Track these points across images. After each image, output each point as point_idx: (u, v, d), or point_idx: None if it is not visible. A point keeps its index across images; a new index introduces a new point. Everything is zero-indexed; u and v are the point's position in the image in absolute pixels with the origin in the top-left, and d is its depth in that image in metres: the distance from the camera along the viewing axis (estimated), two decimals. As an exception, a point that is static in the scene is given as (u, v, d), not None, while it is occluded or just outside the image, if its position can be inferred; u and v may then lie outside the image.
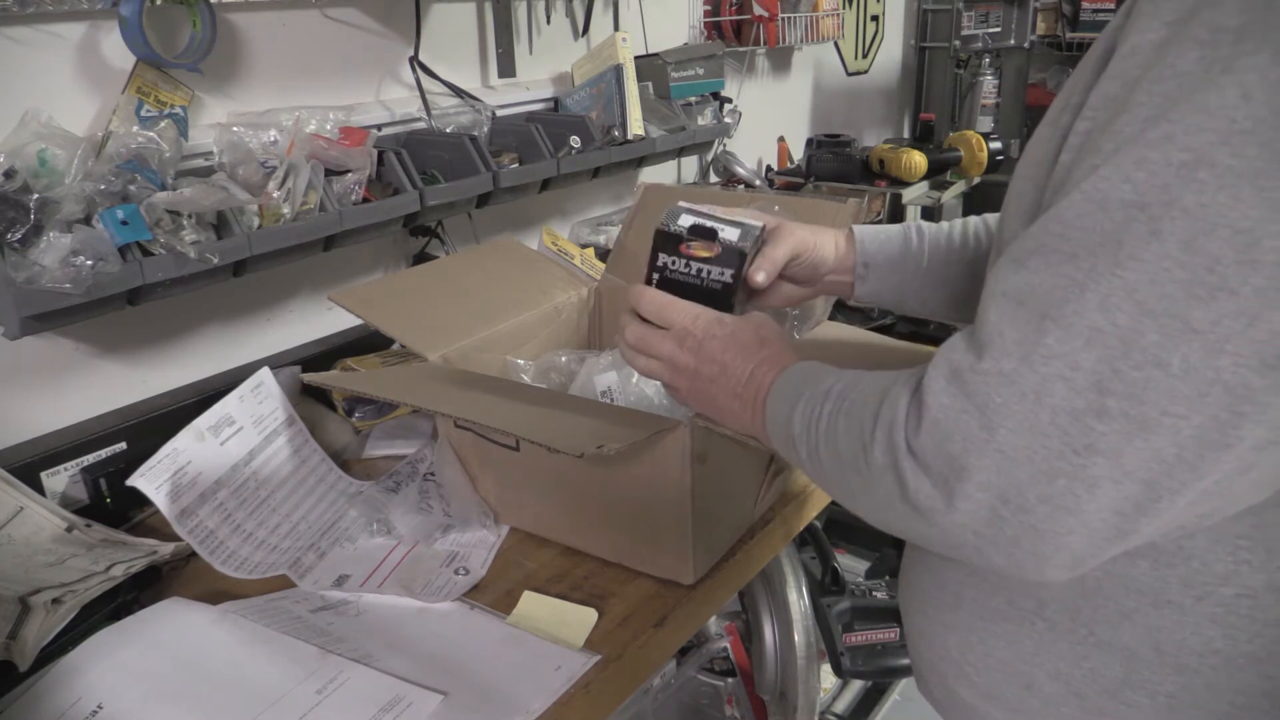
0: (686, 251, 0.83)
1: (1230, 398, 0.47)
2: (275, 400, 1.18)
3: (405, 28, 1.47)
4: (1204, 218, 0.46)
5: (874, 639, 1.43)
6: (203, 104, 1.26)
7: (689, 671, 1.47)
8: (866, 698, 1.92)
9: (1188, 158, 0.46)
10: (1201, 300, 0.46)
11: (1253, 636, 0.58)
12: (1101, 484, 0.50)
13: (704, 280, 0.83)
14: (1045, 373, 0.50)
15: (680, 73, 1.86)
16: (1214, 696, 0.60)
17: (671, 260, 0.84)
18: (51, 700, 0.82)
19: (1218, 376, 0.47)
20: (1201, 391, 0.47)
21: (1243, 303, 0.46)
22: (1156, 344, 0.47)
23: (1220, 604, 0.58)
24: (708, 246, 0.83)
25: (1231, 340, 0.46)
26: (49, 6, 1.06)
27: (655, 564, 0.98)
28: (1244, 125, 0.45)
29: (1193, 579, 0.59)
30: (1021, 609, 0.66)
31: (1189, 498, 0.50)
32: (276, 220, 1.18)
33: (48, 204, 0.98)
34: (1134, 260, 0.47)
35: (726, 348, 0.76)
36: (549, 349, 1.23)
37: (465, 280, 1.26)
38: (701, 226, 0.84)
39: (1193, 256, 0.46)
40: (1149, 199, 0.47)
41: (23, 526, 1.01)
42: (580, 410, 0.99)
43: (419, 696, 0.81)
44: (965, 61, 2.85)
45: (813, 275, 0.91)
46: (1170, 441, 0.48)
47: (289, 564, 1.02)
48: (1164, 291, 0.47)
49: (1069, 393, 0.49)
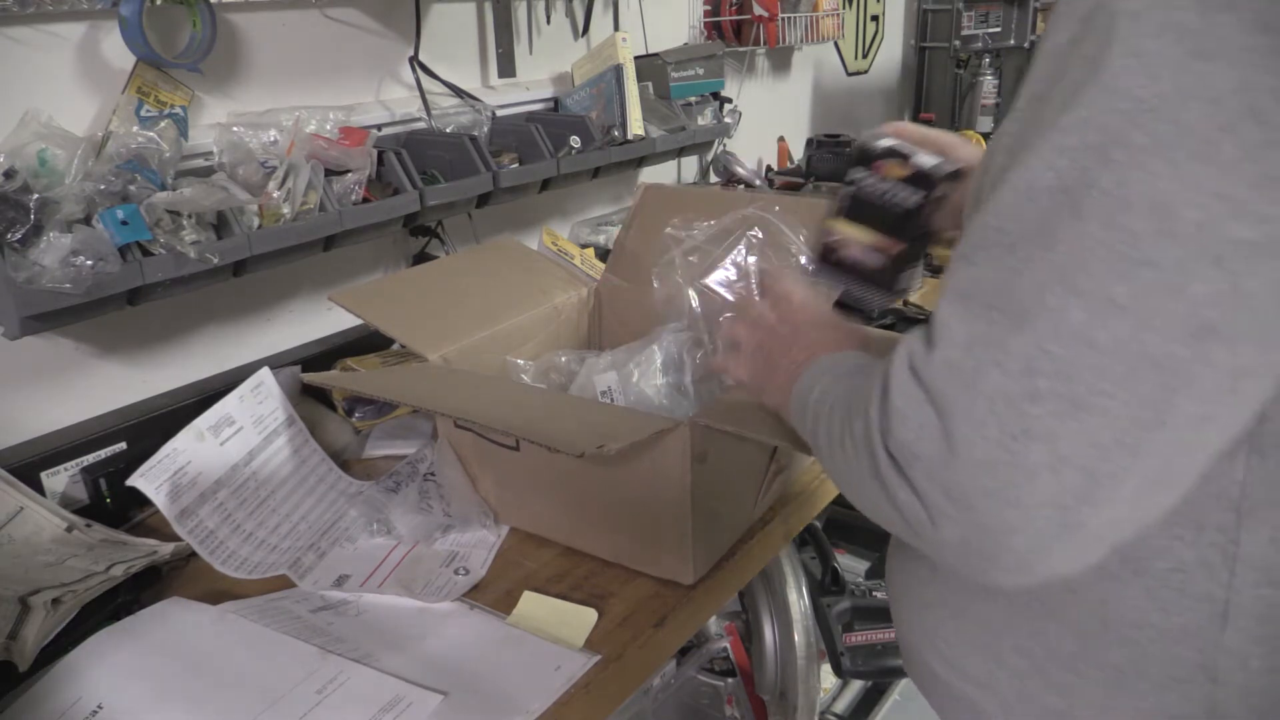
0: (880, 169, 0.85)
1: (1159, 372, 0.47)
2: (275, 400, 1.18)
3: (405, 28, 1.47)
4: (1121, 195, 0.46)
5: (874, 639, 1.43)
6: (203, 104, 1.26)
7: (689, 671, 1.47)
8: (866, 698, 1.92)
9: (1101, 139, 0.47)
10: (1124, 276, 0.47)
11: (1184, 610, 0.59)
12: (1039, 473, 0.49)
13: (889, 201, 0.84)
14: (981, 358, 0.50)
15: (680, 73, 1.86)
16: (1155, 668, 0.61)
17: (865, 176, 0.86)
18: (51, 700, 0.82)
19: (1145, 350, 0.47)
20: (1130, 367, 0.47)
21: (1164, 275, 0.46)
22: (1083, 322, 0.48)
23: (1155, 578, 0.59)
24: (902, 166, 0.84)
25: (1156, 313, 0.47)
26: (49, 6, 1.06)
27: (655, 564, 0.98)
28: (1151, 104, 0.46)
29: (1129, 553, 0.59)
30: (986, 587, 0.67)
31: (1131, 486, 0.50)
32: (276, 220, 1.18)
33: (48, 204, 0.98)
34: (1060, 243, 0.48)
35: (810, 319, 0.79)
36: (549, 349, 1.23)
37: (465, 280, 1.26)
38: (897, 150, 0.85)
39: (1113, 233, 0.47)
40: (1069, 182, 0.48)
41: (23, 526, 1.01)
42: (580, 410, 0.99)
43: (419, 696, 0.81)
44: (965, 61, 2.85)
45: None
46: (1104, 423, 0.48)
47: (289, 564, 1.02)
48: (1089, 270, 0.47)
49: (1002, 378, 0.49)
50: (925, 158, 0.84)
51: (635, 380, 1.10)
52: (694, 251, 1.17)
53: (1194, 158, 0.45)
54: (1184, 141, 0.45)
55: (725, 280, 1.14)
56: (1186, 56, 0.45)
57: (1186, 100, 0.45)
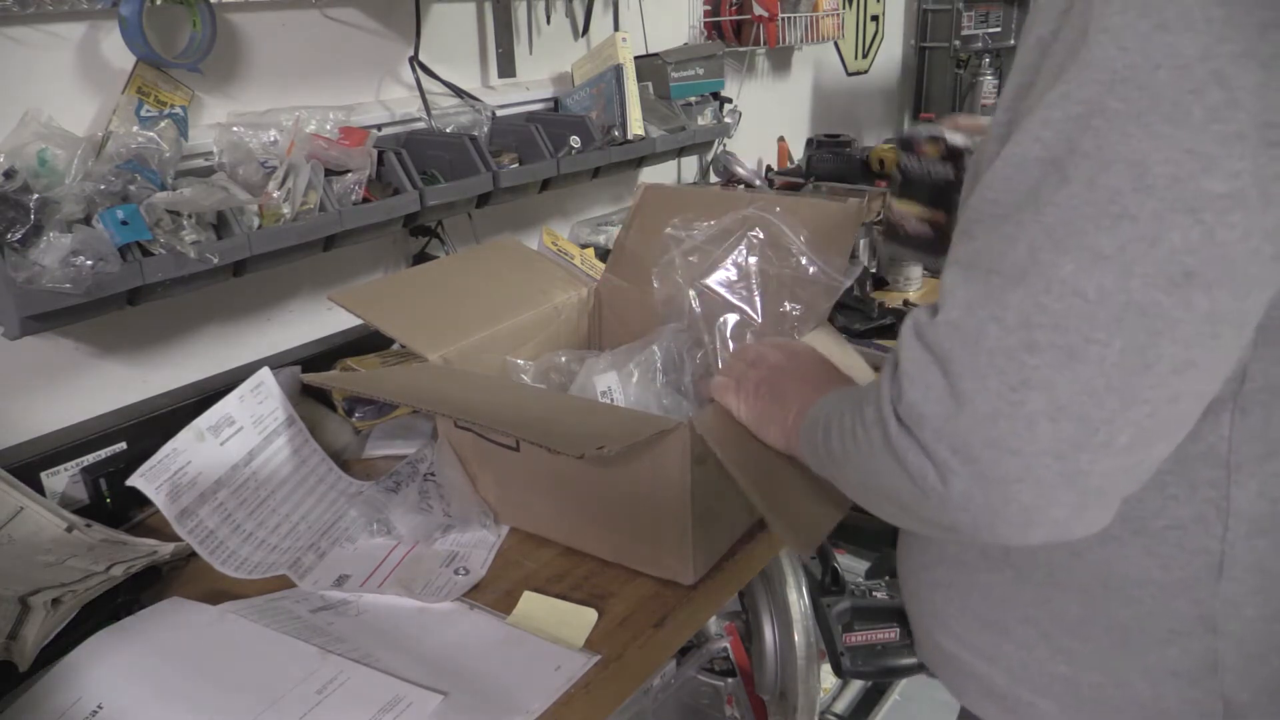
0: (920, 150, 0.99)
1: (1144, 318, 0.50)
2: (275, 400, 1.18)
3: (405, 28, 1.47)
4: (1101, 157, 0.50)
5: (874, 639, 1.42)
6: (203, 104, 1.26)
7: (689, 671, 1.46)
8: (866, 698, 1.92)
9: (1081, 109, 0.51)
10: (1107, 229, 0.50)
11: (1183, 564, 0.63)
12: (1039, 421, 0.52)
13: (931, 175, 0.98)
14: (981, 316, 0.54)
15: (680, 73, 1.86)
16: (1157, 624, 0.65)
17: (909, 159, 1.00)
18: (51, 700, 0.82)
19: (1130, 298, 0.50)
20: (1117, 315, 0.51)
21: (1143, 227, 0.50)
22: (1072, 273, 0.51)
23: (1153, 536, 0.63)
24: (936, 146, 0.98)
25: (1138, 262, 0.50)
26: (49, 6, 1.06)
27: (655, 564, 0.98)
28: (1123, 73, 0.50)
29: (1129, 514, 0.62)
30: (991, 558, 0.71)
31: (1126, 434, 0.52)
32: (276, 220, 1.18)
33: (48, 204, 0.98)
34: (1049, 205, 0.52)
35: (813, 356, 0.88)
36: (549, 349, 1.23)
37: (465, 280, 1.26)
38: (935, 135, 0.99)
39: (1095, 192, 0.50)
40: (1056, 152, 0.52)
41: (23, 526, 1.01)
42: (580, 411, 0.99)
43: (419, 696, 0.81)
44: (965, 61, 2.85)
45: None
46: (1097, 370, 0.51)
47: (289, 564, 1.02)
48: (1075, 227, 0.51)
49: (1001, 332, 0.53)
50: (956, 137, 0.97)
51: (635, 380, 1.10)
52: (694, 251, 1.17)
53: (1165, 120, 0.49)
54: (1156, 105, 0.49)
55: (725, 280, 1.14)
56: (1153, 29, 0.49)
57: (1155, 68, 0.49)
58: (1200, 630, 0.64)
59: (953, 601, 0.75)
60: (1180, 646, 0.64)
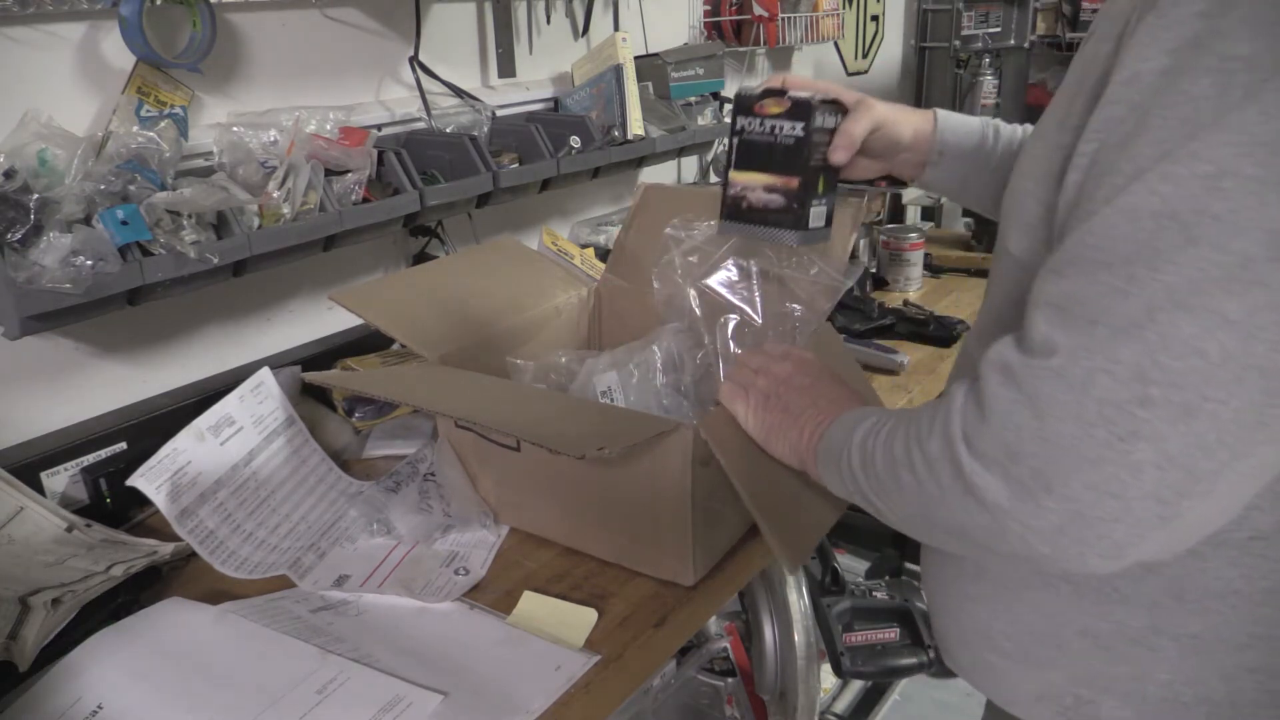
0: (760, 110, 0.88)
1: (1265, 380, 0.51)
2: (275, 400, 1.18)
3: (405, 28, 1.47)
4: (1234, 222, 0.50)
5: (874, 639, 1.43)
6: (203, 104, 1.26)
7: (689, 671, 1.46)
8: (866, 698, 1.92)
9: (1212, 169, 0.51)
10: (1236, 294, 0.50)
11: (1267, 573, 0.64)
12: (1145, 469, 0.53)
13: (778, 137, 0.88)
14: (1089, 366, 0.54)
15: (680, 73, 1.86)
16: (1235, 631, 0.66)
17: (748, 121, 0.89)
18: (51, 700, 0.82)
19: (1252, 361, 0.51)
20: (1238, 376, 0.51)
21: (1274, 294, 0.50)
22: (1195, 335, 0.51)
23: (1236, 548, 0.64)
24: (779, 103, 0.87)
25: (1265, 328, 0.50)
26: (49, 6, 1.06)
27: (655, 564, 0.98)
28: (1263, 138, 0.49)
29: None
30: (1046, 576, 0.71)
31: (1228, 481, 0.54)
32: (276, 220, 1.18)
33: (48, 204, 0.98)
34: (1170, 264, 0.52)
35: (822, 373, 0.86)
36: (549, 349, 1.23)
37: (465, 280, 1.26)
38: (774, 89, 0.89)
39: (1226, 256, 0.50)
40: (1178, 208, 0.51)
41: (23, 526, 1.01)
42: (580, 411, 0.99)
43: (419, 696, 0.81)
44: (965, 61, 2.85)
45: (889, 151, 0.96)
46: (1210, 425, 0.52)
47: (289, 564, 1.02)
48: (1200, 289, 0.51)
49: (1112, 384, 0.53)
50: (801, 92, 0.88)
51: (635, 380, 1.10)
52: (694, 251, 1.17)
53: None
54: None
55: (725, 280, 1.14)
56: None
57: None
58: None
59: (999, 617, 0.75)
60: (1263, 648, 0.66)
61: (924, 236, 1.92)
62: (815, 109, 0.87)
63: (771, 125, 0.88)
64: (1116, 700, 0.70)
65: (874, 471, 0.69)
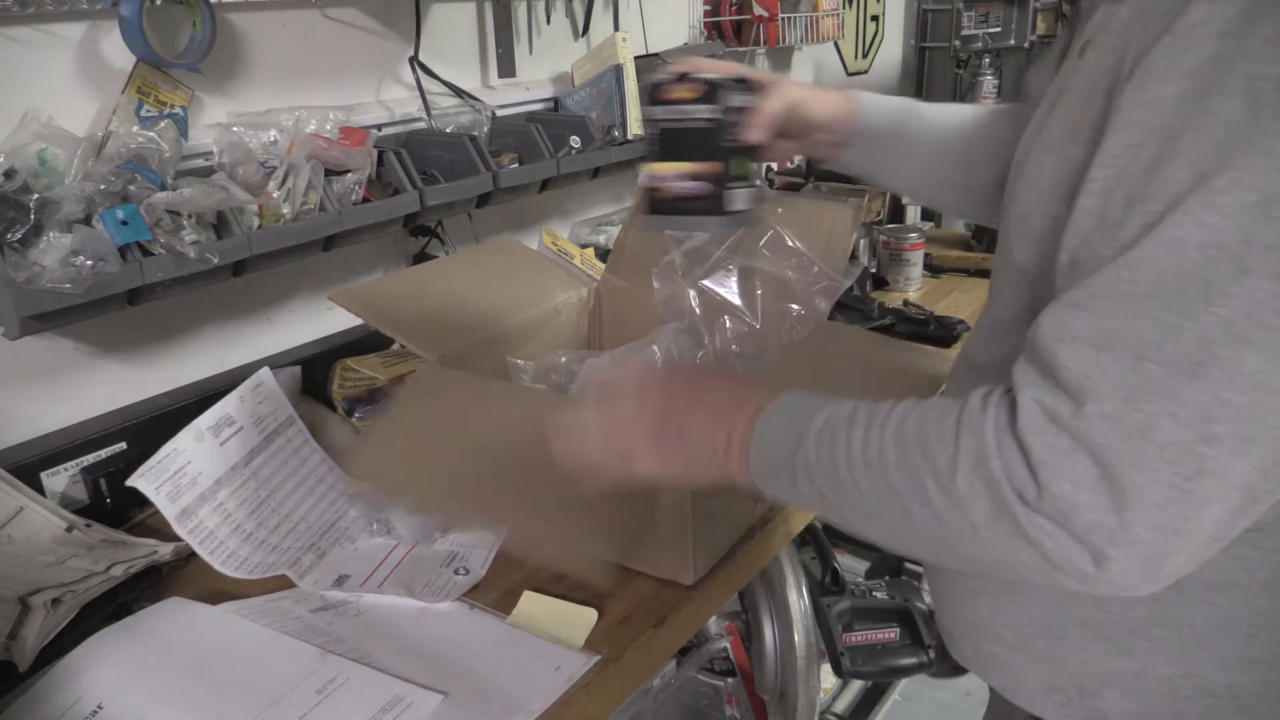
0: (668, 97, 0.85)
1: None
2: (275, 400, 1.18)
3: (405, 28, 1.47)
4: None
5: (874, 639, 1.43)
6: (203, 104, 1.26)
7: (689, 671, 1.46)
8: (866, 698, 1.92)
9: (1258, 198, 0.49)
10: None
11: (1264, 565, 0.64)
12: (1211, 504, 0.53)
13: (688, 122, 0.85)
14: (1150, 410, 0.52)
15: (680, 73, 1.86)
16: (1235, 622, 0.66)
17: (659, 110, 0.86)
18: (51, 700, 0.82)
19: None
20: None
21: None
22: (1258, 369, 0.51)
23: (1234, 541, 0.61)
24: (688, 88, 0.84)
25: None
26: (49, 6, 1.06)
27: (655, 564, 0.98)
28: None
29: None
30: None
31: (1276, 497, 0.55)
32: (276, 220, 1.18)
33: (48, 204, 0.98)
34: (1224, 296, 0.50)
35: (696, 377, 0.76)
36: (549, 349, 1.23)
37: (465, 280, 1.26)
38: (682, 73, 0.85)
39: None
40: (1226, 239, 0.50)
41: (23, 526, 1.01)
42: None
43: (419, 696, 0.81)
44: (965, 61, 2.85)
45: (803, 130, 0.94)
46: (1270, 450, 0.52)
47: (289, 564, 1.02)
48: (1259, 320, 0.50)
49: (1175, 427, 0.52)
50: (709, 74, 0.85)
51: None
52: (694, 251, 1.17)
53: None
54: None
55: (725, 280, 1.15)
56: None
57: None
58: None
59: (1002, 609, 0.75)
60: (1263, 640, 0.66)
61: (924, 236, 1.92)
62: (723, 89, 0.84)
63: (681, 111, 0.85)
64: (1119, 692, 0.71)
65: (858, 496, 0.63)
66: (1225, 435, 0.51)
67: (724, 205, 0.87)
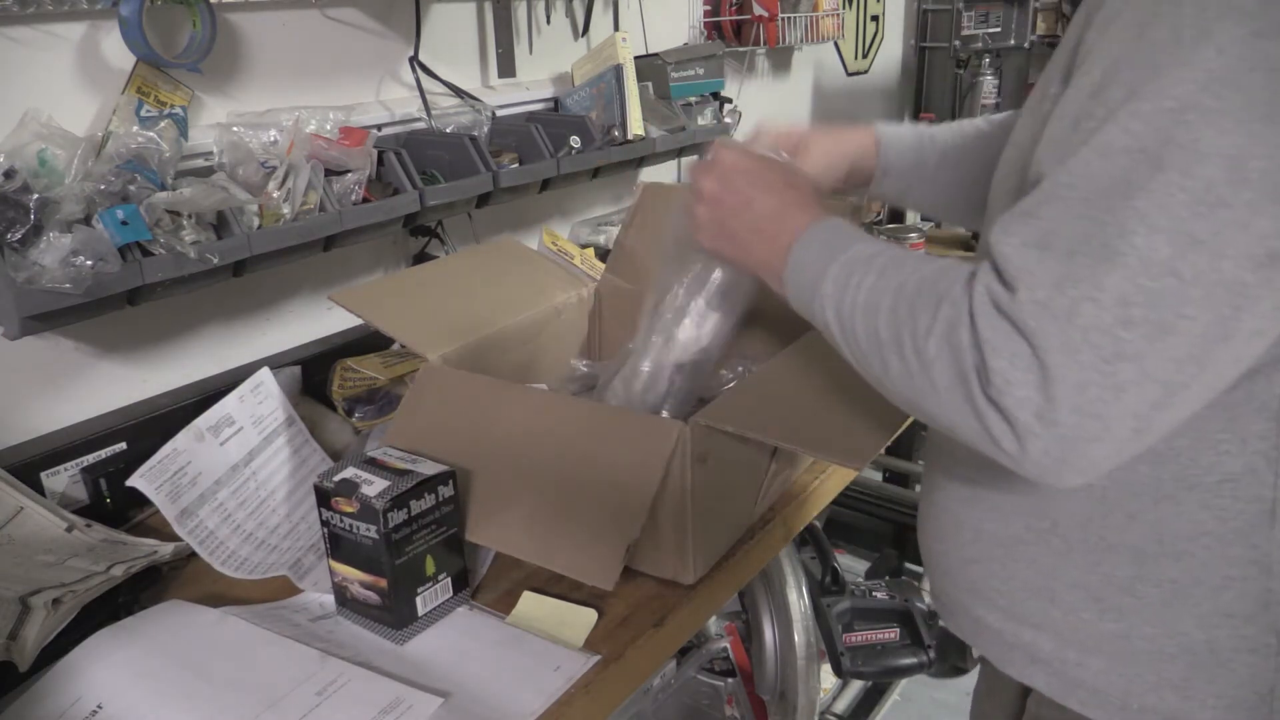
0: (336, 506, 0.88)
1: (1230, 295, 0.55)
2: (275, 400, 1.18)
3: (405, 28, 1.47)
4: (1196, 149, 0.54)
5: (874, 639, 1.43)
6: (203, 104, 1.26)
7: (689, 671, 1.46)
8: (866, 698, 1.92)
9: (1174, 105, 0.55)
10: (1203, 216, 0.54)
11: (1237, 514, 0.68)
12: (1128, 389, 0.57)
13: (357, 535, 0.87)
14: (1074, 295, 0.57)
15: (680, 73, 1.86)
16: (1210, 574, 0.69)
17: (329, 515, 0.88)
18: (51, 700, 0.82)
19: (1220, 278, 0.55)
20: (1208, 293, 0.55)
21: (1237, 213, 0.54)
22: (1169, 256, 0.55)
23: (1208, 490, 0.68)
24: (350, 502, 0.86)
25: (1230, 246, 0.55)
26: (49, 6, 1.06)
27: (655, 564, 0.98)
28: (1219, 74, 0.54)
29: (1183, 473, 0.68)
30: (1038, 530, 0.74)
31: (1194, 393, 0.58)
32: (276, 220, 1.18)
33: (48, 204, 0.98)
34: (1143, 192, 0.55)
35: (753, 182, 0.82)
36: (549, 349, 1.23)
37: (465, 280, 1.26)
38: (348, 481, 0.87)
39: (1192, 181, 0.54)
40: (1146, 142, 0.56)
41: (23, 526, 1.01)
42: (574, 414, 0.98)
43: (419, 699, 0.81)
44: (965, 61, 2.85)
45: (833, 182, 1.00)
46: (1184, 341, 0.56)
47: (289, 564, 1.02)
48: (1171, 213, 0.55)
49: (1096, 310, 0.56)
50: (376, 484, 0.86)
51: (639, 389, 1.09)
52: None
53: (1259, 118, 0.54)
54: (1250, 104, 0.54)
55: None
56: (1250, 35, 0.54)
57: (1251, 71, 0.54)
58: (1255, 573, 0.68)
59: (994, 575, 0.78)
60: (1236, 591, 0.69)
61: (924, 236, 1.93)
62: (383, 513, 0.84)
63: (349, 524, 0.87)
64: (1103, 661, 0.73)
65: (853, 337, 0.69)
66: (1140, 320, 0.56)
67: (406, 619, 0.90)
